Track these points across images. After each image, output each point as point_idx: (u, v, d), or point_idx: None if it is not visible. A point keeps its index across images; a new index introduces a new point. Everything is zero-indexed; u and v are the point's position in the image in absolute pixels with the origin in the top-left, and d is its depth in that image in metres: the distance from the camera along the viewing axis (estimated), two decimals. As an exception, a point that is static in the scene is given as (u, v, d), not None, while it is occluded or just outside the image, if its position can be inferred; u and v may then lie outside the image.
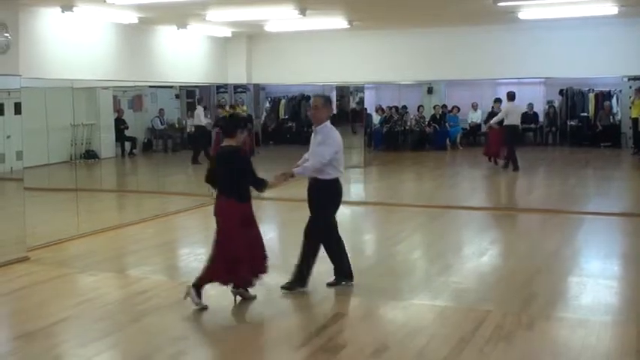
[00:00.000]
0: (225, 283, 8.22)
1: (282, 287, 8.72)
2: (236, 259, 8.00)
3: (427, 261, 10.76)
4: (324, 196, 8.62)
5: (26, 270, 9.88)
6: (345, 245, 8.90)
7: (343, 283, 8.88)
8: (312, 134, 8.77)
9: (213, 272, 8.09)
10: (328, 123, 8.69)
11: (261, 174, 8.29)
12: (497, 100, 21.61)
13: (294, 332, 7.47)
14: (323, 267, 8.86)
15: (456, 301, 8.40)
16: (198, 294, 8.06)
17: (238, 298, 8.45)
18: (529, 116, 27.20)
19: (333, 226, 8.78)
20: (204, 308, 8.05)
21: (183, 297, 8.08)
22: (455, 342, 6.93)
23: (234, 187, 8.04)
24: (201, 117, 22.24)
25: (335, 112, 24.32)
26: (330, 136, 8.57)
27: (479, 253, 10.94)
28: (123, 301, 8.62)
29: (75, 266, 10.23)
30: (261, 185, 8.22)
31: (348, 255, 8.91)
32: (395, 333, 7.36)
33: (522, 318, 7.65)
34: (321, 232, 8.71)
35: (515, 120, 19.82)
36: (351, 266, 8.94)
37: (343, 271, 8.90)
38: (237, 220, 8.05)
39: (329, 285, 8.83)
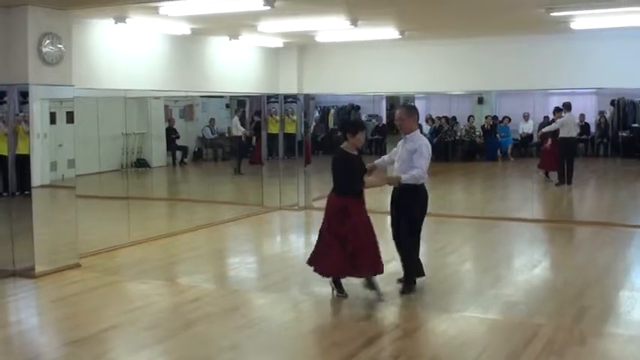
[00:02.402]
0: (351, 275, 8.75)
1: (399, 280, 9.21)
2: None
3: (478, 273, 10.68)
4: (415, 201, 8.94)
5: (78, 277, 9.98)
6: (397, 257, 9.00)
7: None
8: (402, 141, 9.17)
9: (339, 267, 8.64)
10: (418, 132, 9.20)
11: (311, 183, 8.42)
12: (558, 110, 20.94)
13: (345, 342, 7.43)
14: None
15: (507, 314, 8.33)
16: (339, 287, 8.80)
17: (373, 294, 8.69)
18: (580, 127, 26.91)
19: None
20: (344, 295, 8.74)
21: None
22: (506, 356, 6.86)
23: (347, 185, 8.61)
24: (238, 126, 22.45)
25: (385, 122, 24.35)
26: (423, 144, 8.95)
27: (530, 266, 10.84)
28: (173, 309, 8.68)
29: (126, 274, 10.34)
30: (357, 187, 8.68)
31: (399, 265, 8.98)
32: (446, 345, 7.31)
33: (574, 333, 7.55)
34: (414, 235, 9.04)
35: (570, 132, 19.38)
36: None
37: (414, 272, 9.18)
38: (363, 212, 8.68)
39: (399, 281, 9.18)
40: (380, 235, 8.89)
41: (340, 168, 8.69)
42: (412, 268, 9.10)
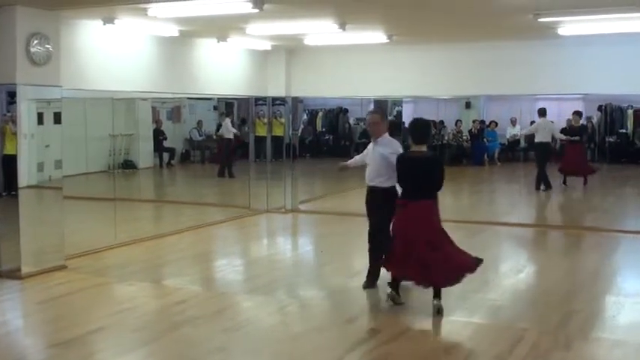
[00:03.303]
0: (419, 283, 8.52)
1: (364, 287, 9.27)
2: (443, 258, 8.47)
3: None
4: (387, 203, 8.90)
5: (64, 278, 9.93)
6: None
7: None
8: (372, 145, 9.33)
9: (409, 270, 8.42)
10: (387, 134, 9.26)
11: (298, 186, 8.37)
12: (577, 113, 20.63)
13: (330, 347, 7.44)
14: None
15: (493, 318, 8.36)
16: (397, 292, 8.57)
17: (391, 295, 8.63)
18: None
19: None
20: (401, 303, 8.54)
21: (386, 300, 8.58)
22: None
23: (433, 190, 8.48)
24: (229, 128, 22.43)
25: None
26: (398, 146, 9.14)
27: (516, 270, 10.87)
28: (160, 311, 8.66)
29: (112, 275, 10.31)
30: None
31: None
32: (431, 349, 7.33)
33: (559, 337, 7.57)
34: (386, 235, 8.94)
35: (545, 137, 19.22)
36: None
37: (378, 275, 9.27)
38: (438, 220, 8.55)
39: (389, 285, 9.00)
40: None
41: (424, 169, 8.47)
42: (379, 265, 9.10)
